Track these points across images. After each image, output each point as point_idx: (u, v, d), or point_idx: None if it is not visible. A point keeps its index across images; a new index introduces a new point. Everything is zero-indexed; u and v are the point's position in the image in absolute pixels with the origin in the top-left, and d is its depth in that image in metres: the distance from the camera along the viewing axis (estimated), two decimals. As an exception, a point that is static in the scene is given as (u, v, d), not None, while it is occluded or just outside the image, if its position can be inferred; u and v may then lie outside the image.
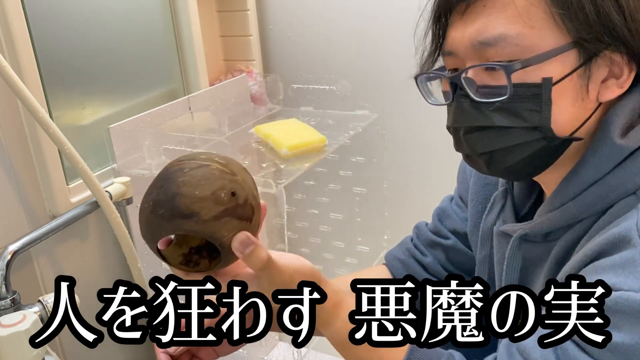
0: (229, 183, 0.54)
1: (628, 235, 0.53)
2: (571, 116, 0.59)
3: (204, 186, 0.52)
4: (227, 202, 0.53)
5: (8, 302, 0.88)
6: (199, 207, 0.52)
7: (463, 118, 0.62)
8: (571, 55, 0.57)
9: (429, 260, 0.86)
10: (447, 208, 0.88)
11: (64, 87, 1.07)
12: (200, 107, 1.30)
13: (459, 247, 0.84)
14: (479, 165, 0.65)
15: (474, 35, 0.59)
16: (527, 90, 0.57)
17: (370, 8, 1.42)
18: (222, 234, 0.53)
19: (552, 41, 0.57)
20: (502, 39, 0.57)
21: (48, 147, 0.98)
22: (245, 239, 0.54)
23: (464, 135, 0.63)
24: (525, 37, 0.57)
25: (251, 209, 0.55)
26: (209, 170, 0.54)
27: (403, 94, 1.43)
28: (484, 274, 0.78)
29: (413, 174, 1.51)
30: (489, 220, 0.75)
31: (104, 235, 1.16)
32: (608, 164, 0.58)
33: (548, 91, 0.57)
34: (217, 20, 1.52)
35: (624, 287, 0.51)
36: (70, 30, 1.07)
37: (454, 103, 0.62)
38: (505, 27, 0.57)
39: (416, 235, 0.90)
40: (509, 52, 0.57)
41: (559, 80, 0.57)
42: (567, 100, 0.58)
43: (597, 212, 0.59)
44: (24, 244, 0.93)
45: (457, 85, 0.61)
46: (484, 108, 0.60)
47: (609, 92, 0.59)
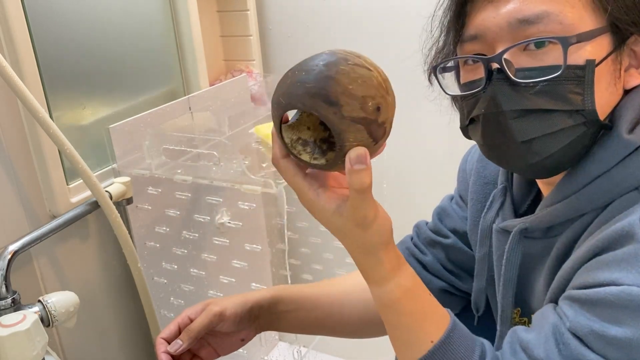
0: (380, 97, 0.53)
1: (631, 231, 0.53)
2: (606, 101, 0.59)
3: (360, 86, 0.51)
4: (370, 112, 0.52)
5: (8, 302, 0.88)
6: (345, 100, 0.51)
7: (503, 102, 0.58)
8: (606, 39, 0.57)
9: (428, 259, 0.86)
10: (447, 207, 0.88)
11: (64, 87, 1.07)
12: (200, 107, 1.30)
13: (459, 246, 0.84)
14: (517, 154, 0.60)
15: (511, 14, 0.57)
16: (570, 72, 0.56)
17: (370, 8, 1.42)
18: (347, 137, 0.52)
19: (590, 22, 0.56)
20: (545, 15, 0.56)
21: (48, 147, 0.98)
22: (364, 155, 0.52)
23: (505, 122, 0.59)
24: (567, 16, 0.56)
25: (383, 132, 0.54)
26: (370, 75, 0.53)
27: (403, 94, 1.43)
28: (483, 272, 0.78)
29: (413, 174, 1.51)
30: (488, 217, 0.75)
31: (104, 235, 1.16)
32: (614, 158, 0.58)
33: (591, 73, 0.56)
34: (217, 20, 1.52)
35: (627, 281, 0.51)
36: (70, 30, 1.07)
37: (490, 88, 0.59)
38: (546, 4, 0.56)
39: (416, 234, 0.90)
40: (552, 29, 0.56)
41: (599, 62, 0.56)
42: (604, 84, 0.58)
43: (599, 207, 0.59)
44: (24, 244, 0.93)
45: (493, 70, 0.58)
46: (524, 91, 0.57)
47: (633, 79, 0.59)
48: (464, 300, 0.88)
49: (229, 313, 0.79)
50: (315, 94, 0.51)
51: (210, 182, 1.10)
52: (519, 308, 0.74)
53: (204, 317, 0.77)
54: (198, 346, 0.80)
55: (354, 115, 0.51)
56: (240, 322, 0.80)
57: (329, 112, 0.51)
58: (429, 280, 0.85)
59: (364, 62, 0.53)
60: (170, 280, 1.25)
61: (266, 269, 1.58)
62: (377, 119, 0.53)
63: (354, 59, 0.53)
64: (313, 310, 0.85)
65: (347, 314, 0.86)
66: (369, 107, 0.52)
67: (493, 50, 0.59)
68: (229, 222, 1.32)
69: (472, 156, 0.84)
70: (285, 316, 0.84)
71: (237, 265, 1.21)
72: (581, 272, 0.56)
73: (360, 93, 0.51)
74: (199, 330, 0.77)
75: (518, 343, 0.59)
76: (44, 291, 1.05)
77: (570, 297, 0.56)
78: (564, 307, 0.56)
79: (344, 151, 0.53)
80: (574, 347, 0.53)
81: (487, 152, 0.65)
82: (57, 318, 0.89)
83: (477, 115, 0.62)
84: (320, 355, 1.70)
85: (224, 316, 0.78)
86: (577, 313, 0.54)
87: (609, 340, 0.51)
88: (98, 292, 1.17)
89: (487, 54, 0.60)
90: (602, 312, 0.52)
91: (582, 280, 0.55)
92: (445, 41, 0.65)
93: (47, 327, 0.88)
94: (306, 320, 0.86)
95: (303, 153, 0.56)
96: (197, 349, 0.81)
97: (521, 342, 0.58)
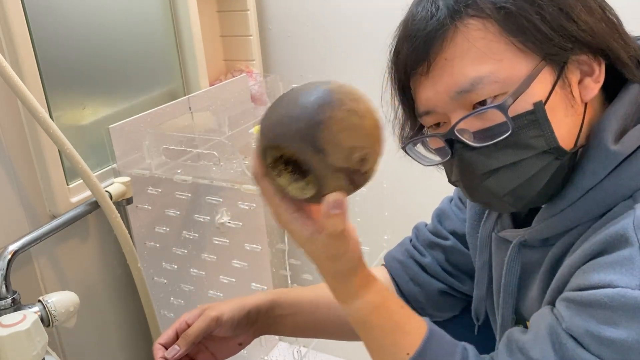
0: (368, 147, 0.53)
1: (625, 234, 0.53)
2: (569, 127, 0.60)
3: (349, 136, 0.51)
4: (354, 163, 0.52)
5: (8, 302, 0.88)
6: (331, 149, 0.51)
7: (472, 168, 0.61)
8: (546, 72, 0.58)
9: (427, 261, 0.86)
10: (447, 209, 0.88)
11: (64, 87, 1.07)
12: (200, 107, 1.30)
13: (458, 248, 0.84)
14: (505, 206, 0.64)
15: (449, 88, 0.59)
16: (523, 120, 0.58)
17: (370, 8, 1.42)
18: (328, 183, 0.53)
19: (524, 67, 0.58)
20: (478, 81, 0.58)
21: (48, 147, 0.98)
22: (341, 201, 0.54)
23: (479, 185, 0.61)
24: (498, 72, 0.57)
25: (365, 180, 0.55)
26: (362, 124, 0.52)
27: (403, 94, 1.43)
28: (484, 280, 0.78)
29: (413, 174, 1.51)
30: (487, 226, 0.76)
31: (104, 235, 1.16)
32: (604, 170, 0.58)
33: (543, 113, 0.57)
34: (217, 20, 1.52)
35: (621, 284, 0.51)
36: (70, 30, 1.07)
37: (456, 157, 0.62)
38: (475, 70, 0.58)
39: (415, 236, 0.90)
40: (489, 90, 0.58)
41: (547, 98, 0.58)
42: (560, 113, 0.59)
43: (595, 217, 0.59)
44: (24, 244, 0.93)
45: (452, 139, 0.61)
46: (488, 152, 0.59)
47: (589, 90, 0.60)
48: (463, 301, 0.88)
49: (226, 318, 0.78)
50: (303, 137, 0.51)
51: (210, 182, 1.10)
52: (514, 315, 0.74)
53: (201, 322, 0.77)
54: (196, 351, 0.80)
55: (337, 165, 0.52)
56: (237, 327, 0.80)
57: (314, 158, 0.51)
58: (428, 282, 0.86)
59: (358, 106, 0.53)
60: (170, 280, 1.25)
61: (266, 269, 1.58)
62: (360, 169, 0.53)
63: (349, 104, 0.53)
64: (312, 314, 0.85)
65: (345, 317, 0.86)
66: (354, 158, 0.52)
67: (448, 119, 0.62)
68: (229, 222, 1.32)
69: None
70: (283, 320, 0.84)
71: (237, 265, 1.21)
72: (577, 274, 0.57)
73: (348, 143, 0.51)
74: (196, 335, 0.77)
75: (514, 343, 0.59)
76: (44, 291, 1.05)
77: (566, 298, 0.57)
78: (561, 309, 0.57)
79: (322, 192, 0.53)
80: (570, 348, 0.54)
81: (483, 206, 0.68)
82: (57, 318, 0.90)
83: (455, 181, 0.65)
84: (320, 355, 1.70)
85: (221, 321, 0.78)
86: (573, 314, 0.55)
87: (604, 342, 0.52)
88: (98, 292, 1.17)
89: (444, 121, 0.63)
90: (598, 314, 0.53)
91: (578, 282, 0.56)
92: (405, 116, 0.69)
93: (47, 327, 0.88)
94: (305, 323, 0.85)
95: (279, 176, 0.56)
96: (195, 353, 0.81)
97: (517, 343, 0.59)
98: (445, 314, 0.88)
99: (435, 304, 0.86)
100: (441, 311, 0.88)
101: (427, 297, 0.86)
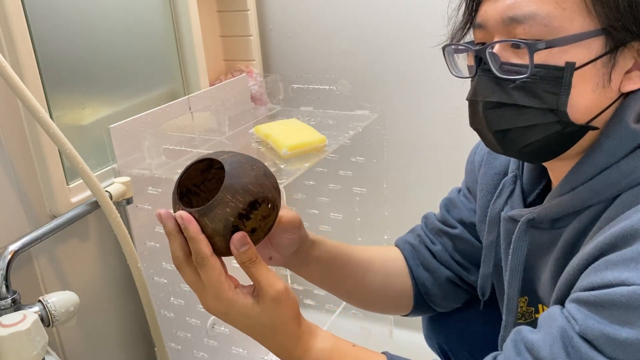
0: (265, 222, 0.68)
1: (638, 229, 0.52)
2: (590, 103, 0.59)
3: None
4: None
5: (8, 302, 0.88)
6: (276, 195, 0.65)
7: (483, 92, 0.62)
8: (598, 42, 0.57)
9: (437, 248, 0.87)
10: (455, 198, 0.89)
11: (64, 87, 1.07)
12: (200, 107, 1.30)
13: (466, 237, 0.85)
14: (492, 142, 0.65)
15: (505, 10, 0.59)
16: (548, 72, 0.58)
17: (370, 8, 1.42)
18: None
19: (581, 25, 0.57)
20: (532, 17, 0.57)
21: (48, 147, 0.98)
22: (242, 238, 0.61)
23: (482, 110, 0.63)
24: (554, 18, 0.57)
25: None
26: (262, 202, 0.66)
27: (403, 93, 1.43)
28: (490, 259, 0.78)
29: (413, 174, 1.51)
30: (497, 205, 0.76)
31: (104, 235, 1.16)
32: (621, 149, 0.58)
33: (569, 75, 0.57)
34: (217, 20, 1.52)
35: (637, 281, 0.50)
36: (70, 30, 1.07)
37: (477, 77, 0.63)
38: (536, 6, 0.57)
39: (424, 224, 0.92)
40: (537, 31, 0.57)
41: (582, 65, 0.57)
42: (588, 86, 0.58)
43: (606, 199, 0.59)
44: (24, 244, 0.93)
45: (481, 59, 0.62)
46: (504, 85, 0.60)
47: (632, 83, 0.60)
48: (468, 293, 0.89)
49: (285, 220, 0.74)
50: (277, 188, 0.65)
51: (210, 182, 1.10)
52: (526, 297, 0.74)
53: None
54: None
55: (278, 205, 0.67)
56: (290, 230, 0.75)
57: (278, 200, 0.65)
58: (437, 269, 0.87)
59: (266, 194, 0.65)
60: (170, 280, 1.25)
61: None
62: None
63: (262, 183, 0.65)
64: (342, 268, 0.84)
65: (368, 281, 0.87)
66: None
67: (492, 39, 0.62)
68: (229, 222, 1.31)
69: (481, 148, 0.85)
70: (316, 261, 0.81)
71: (236, 265, 1.21)
72: (588, 272, 0.56)
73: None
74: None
75: (523, 343, 0.58)
76: (44, 291, 1.05)
77: (577, 299, 0.55)
78: (572, 310, 0.55)
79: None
80: (584, 351, 0.52)
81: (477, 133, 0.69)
82: (57, 318, 0.89)
83: (467, 100, 0.66)
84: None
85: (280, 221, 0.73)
86: (586, 316, 0.53)
87: (620, 343, 0.50)
88: (98, 292, 1.17)
89: (488, 43, 0.62)
90: (613, 314, 0.51)
91: (590, 281, 0.54)
92: (461, 22, 0.69)
93: (47, 327, 0.88)
94: (331, 273, 0.84)
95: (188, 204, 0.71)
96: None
97: (526, 343, 0.57)
98: (449, 303, 0.90)
99: (442, 292, 0.87)
100: (446, 300, 0.89)
101: (434, 283, 0.87)
